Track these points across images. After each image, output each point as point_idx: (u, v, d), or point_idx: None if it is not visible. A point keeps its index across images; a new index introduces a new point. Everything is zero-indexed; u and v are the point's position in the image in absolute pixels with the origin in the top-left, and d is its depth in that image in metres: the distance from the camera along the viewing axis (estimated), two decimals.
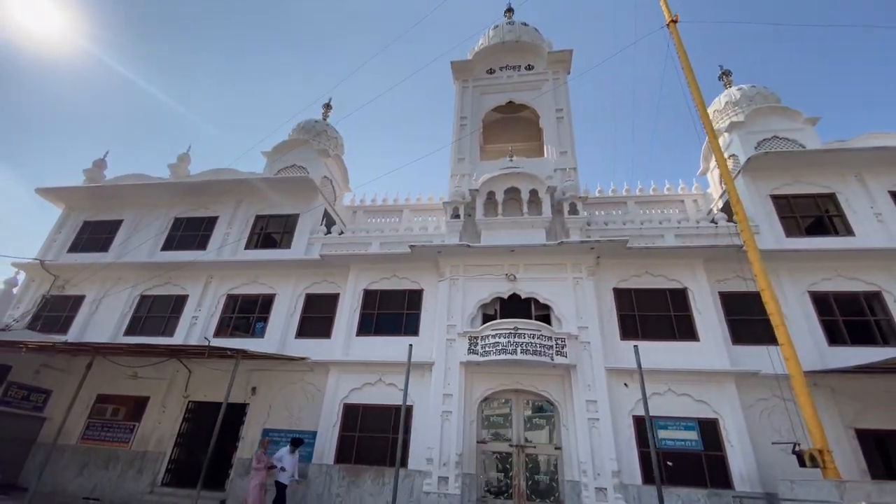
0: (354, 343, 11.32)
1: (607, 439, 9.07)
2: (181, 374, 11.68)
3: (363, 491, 9.52)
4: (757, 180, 12.03)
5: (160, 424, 11.29)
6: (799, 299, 10.40)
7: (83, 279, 13.89)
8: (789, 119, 13.12)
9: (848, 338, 9.97)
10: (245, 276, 13.11)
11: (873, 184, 11.54)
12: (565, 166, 12.93)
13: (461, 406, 9.86)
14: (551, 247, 10.87)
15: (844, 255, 10.56)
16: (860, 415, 9.10)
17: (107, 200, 15.31)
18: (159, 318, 13.01)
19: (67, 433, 11.49)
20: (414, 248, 11.39)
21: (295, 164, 15.46)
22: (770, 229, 11.31)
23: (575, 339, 10.09)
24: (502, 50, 15.53)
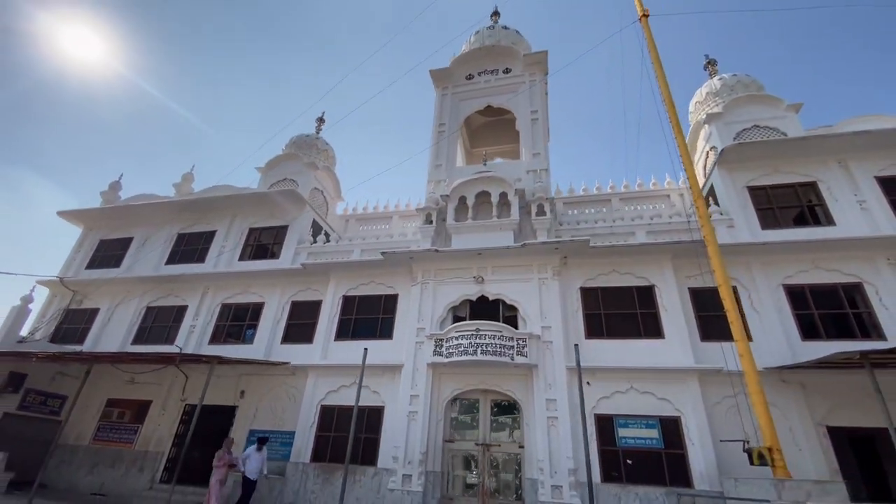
0: (332, 347, 11.87)
1: (565, 437, 9.17)
2: (179, 379, 12.56)
3: (335, 488, 9.98)
4: (733, 172, 11.75)
5: (160, 426, 12.21)
6: (772, 293, 10.11)
7: (98, 293, 15.15)
8: (770, 107, 12.72)
9: (823, 332, 9.62)
10: (238, 286, 13.94)
11: (858, 170, 11.05)
12: (537, 167, 13.02)
13: (427, 406, 10.18)
14: (515, 248, 11.05)
15: (824, 245, 10.18)
16: (832, 412, 8.78)
17: (119, 220, 16.60)
18: (162, 328, 14.02)
19: (81, 435, 12.67)
20: (386, 255, 11.83)
21: (286, 177, 16.27)
22: (745, 222, 11.03)
23: (537, 339, 10.23)
24: (480, 55, 15.75)
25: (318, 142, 17.90)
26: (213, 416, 12.15)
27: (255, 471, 9.15)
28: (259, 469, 9.23)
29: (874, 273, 9.83)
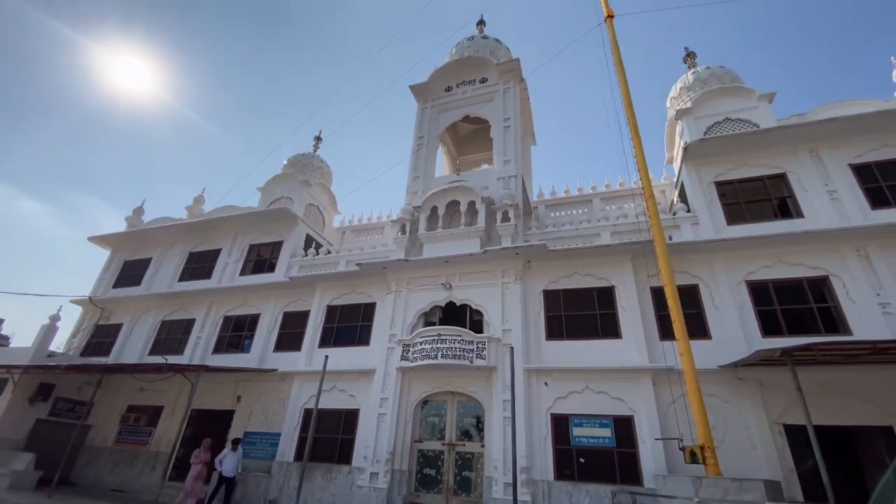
0: (316, 354, 12.69)
1: (520, 437, 9.47)
2: (186, 387, 13.79)
3: (314, 485, 10.77)
4: (700, 168, 11.64)
5: (169, 429, 13.47)
6: (734, 290, 9.99)
7: (122, 310, 16.83)
8: (742, 98, 12.46)
9: (785, 328, 9.42)
10: (238, 300, 15.11)
11: (830, 159, 10.71)
12: (507, 175, 13.36)
13: (395, 408, 10.78)
14: (478, 255, 11.46)
15: (790, 239, 9.95)
16: (789, 409, 8.62)
17: (140, 242, 18.29)
18: (174, 339, 15.40)
19: (105, 437, 14.17)
20: (362, 266, 12.55)
21: (283, 195, 17.41)
22: (710, 218, 10.93)
23: (497, 342, 10.60)
24: (458, 67, 16.24)
25: (314, 160, 18.99)
26: (214, 419, 13.34)
27: (231, 469, 10.09)
28: (235, 467, 10.17)
29: (842, 265, 9.53)
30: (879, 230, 9.40)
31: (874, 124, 10.50)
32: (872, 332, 8.69)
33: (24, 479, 11.29)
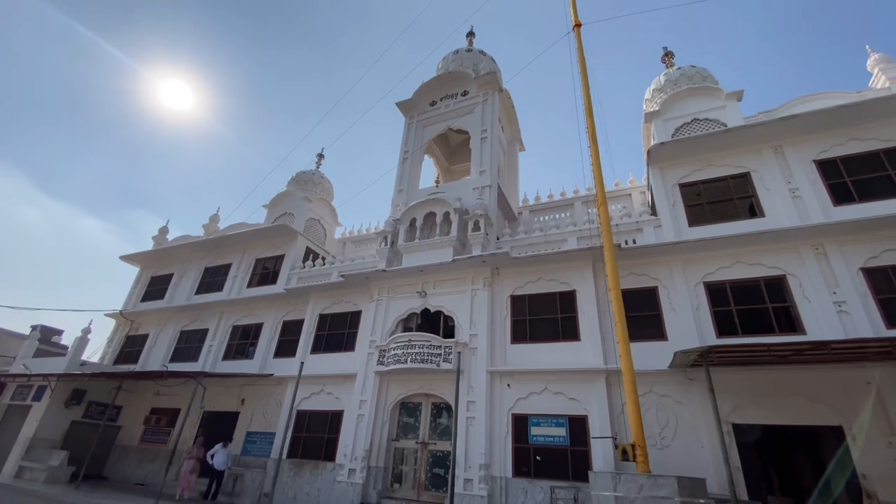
0: (309, 360, 13.70)
1: (480, 435, 10.06)
2: (199, 391, 15.19)
3: (303, 480, 11.76)
4: (665, 170, 11.79)
5: (185, 429, 14.85)
6: (691, 291, 10.14)
7: (148, 321, 18.60)
8: (709, 98, 12.50)
9: (739, 328, 9.50)
10: (245, 310, 16.42)
11: (794, 156, 10.64)
12: (482, 185, 13.93)
13: (373, 409, 11.59)
14: (447, 264, 12.12)
15: (748, 239, 9.99)
16: (738, 409, 8.75)
17: (164, 259, 20.09)
18: (191, 348, 16.92)
19: (132, 437, 15.80)
20: (346, 276, 13.49)
21: (286, 211, 18.71)
22: (672, 221, 11.09)
23: (465, 346, 11.21)
24: (441, 81, 16.95)
25: (315, 176, 20.22)
26: (222, 420, 14.61)
27: (222, 463, 11.25)
28: (225, 462, 11.31)
29: (798, 264, 9.51)
30: (838, 227, 9.32)
31: (840, 118, 10.34)
32: (826, 332, 8.69)
33: (59, 474, 12.93)
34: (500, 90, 15.98)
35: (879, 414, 7.84)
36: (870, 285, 8.88)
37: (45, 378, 14.45)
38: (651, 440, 9.02)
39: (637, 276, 10.83)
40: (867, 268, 9.02)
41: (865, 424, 7.84)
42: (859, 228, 9.19)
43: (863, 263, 9.06)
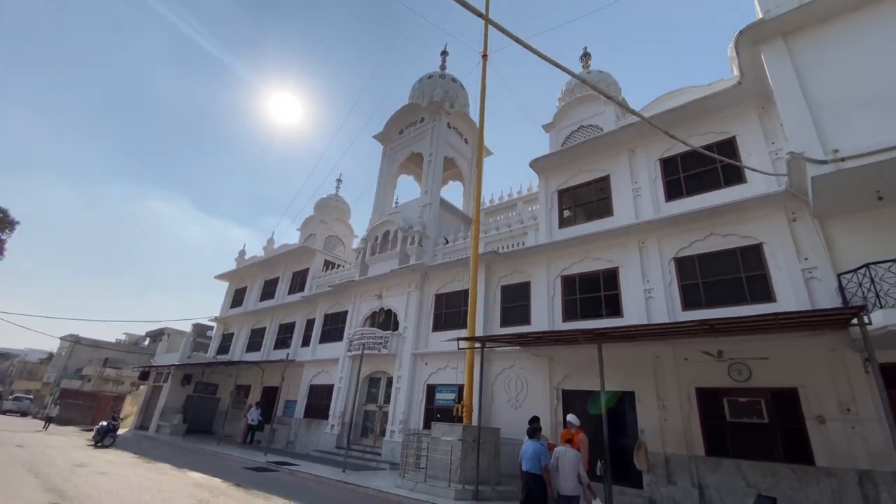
0: (318, 349, 18.67)
1: (403, 401, 13.81)
2: (259, 372, 21.33)
3: (310, 432, 16.78)
4: (548, 178, 13.83)
5: (252, 399, 21.13)
6: (550, 284, 12.42)
7: (234, 323, 25.56)
8: (593, 105, 13.95)
9: (580, 313, 11.66)
10: (284, 313, 22.07)
11: (644, 156, 12.05)
12: (424, 203, 17.16)
13: (348, 383, 16.01)
14: (389, 273, 15.80)
15: (595, 238, 11.89)
16: (566, 378, 11.15)
17: (242, 275, 26.95)
18: (256, 342, 23.21)
19: (225, 404, 22.69)
20: (333, 287, 18.00)
21: (311, 233, 23.94)
22: (548, 225, 13.26)
23: (400, 336, 14.92)
24: (404, 112, 20.19)
25: (332, 200, 25.07)
26: (272, 392, 20.45)
27: (254, 419, 16.73)
28: (256, 419, 16.77)
29: (626, 258, 11.26)
30: (660, 223, 10.83)
31: (683, 116, 11.43)
32: (640, 316, 10.56)
33: (178, 429, 19.95)
34: (448, 113, 18.73)
35: (658, 382, 9.75)
36: (678, 273, 10.44)
37: (169, 368, 21.79)
38: (510, 402, 11.98)
39: (519, 273, 13.34)
40: (678, 257, 10.53)
41: (647, 390, 9.84)
42: (677, 223, 10.63)
43: (675, 254, 10.58)
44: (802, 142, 7.81)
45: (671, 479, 8.91)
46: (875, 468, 7.25)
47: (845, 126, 7.58)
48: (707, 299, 9.81)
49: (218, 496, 8.32)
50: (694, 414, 9.14)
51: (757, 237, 9.51)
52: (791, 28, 8.64)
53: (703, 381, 9.21)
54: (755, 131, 10.29)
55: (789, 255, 8.97)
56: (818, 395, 7.98)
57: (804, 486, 7.70)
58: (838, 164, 7.34)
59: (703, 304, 9.78)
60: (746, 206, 9.64)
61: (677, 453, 9.02)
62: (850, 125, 7.54)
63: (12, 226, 24.91)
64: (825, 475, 7.57)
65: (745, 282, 9.44)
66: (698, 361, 9.27)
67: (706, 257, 10.13)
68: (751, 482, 8.12)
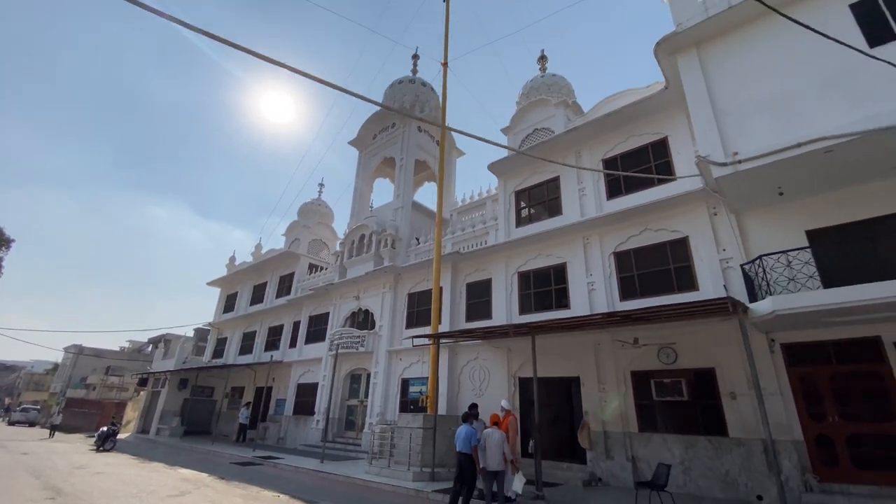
0: (304, 349, 19.62)
1: (380, 394, 14.76)
2: (251, 374, 22.31)
3: (299, 428, 17.78)
4: (507, 180, 14.65)
5: (247, 399, 22.14)
6: (508, 280, 13.30)
7: (226, 328, 26.52)
8: (545, 109, 14.70)
9: (533, 307, 12.55)
10: (273, 316, 22.99)
11: (589, 157, 12.84)
12: (396, 206, 17.99)
13: (330, 379, 16.95)
14: (364, 275, 16.68)
15: (546, 235, 12.74)
16: (522, 366, 12.05)
17: (232, 281, 27.85)
18: (248, 344, 24.17)
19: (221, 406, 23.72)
20: (314, 290, 18.89)
21: (296, 237, 24.78)
22: (506, 224, 14.10)
23: (376, 334, 15.85)
24: (377, 118, 20.94)
25: (314, 204, 25.88)
26: (264, 392, 21.48)
27: (244, 418, 17.70)
28: (247, 417, 17.75)
29: (573, 254, 12.11)
30: (602, 220, 11.66)
31: (622, 119, 12.20)
32: (584, 307, 11.43)
33: (176, 431, 20.99)
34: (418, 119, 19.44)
35: (599, 367, 10.66)
36: (616, 266, 11.30)
37: (166, 373, 22.79)
38: (474, 391, 12.91)
39: (482, 270, 14.21)
40: (617, 252, 11.38)
41: (590, 375, 10.76)
42: (616, 219, 11.46)
43: (614, 249, 11.43)
44: (708, 145, 8.62)
45: (609, 455, 9.85)
46: (777, 437, 8.17)
47: (744, 130, 8.39)
48: (641, 290, 10.69)
49: (200, 487, 9.28)
50: (629, 395, 10.06)
51: (683, 231, 10.36)
52: (702, 38, 9.40)
53: (637, 365, 10.12)
54: (684, 132, 11.06)
55: (710, 247, 9.82)
56: (731, 373, 8.88)
57: (719, 456, 8.63)
58: (736, 166, 8.16)
59: (638, 295, 10.66)
60: (674, 202, 10.46)
61: (614, 431, 9.95)
62: (748, 129, 8.34)
63: (8, 243, 25.75)
64: (736, 445, 8.49)
65: (674, 273, 10.31)
66: (632, 347, 10.16)
67: (641, 251, 10.99)
68: (675, 454, 9.06)
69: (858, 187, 8.35)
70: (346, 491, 9.38)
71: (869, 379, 7.70)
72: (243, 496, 8.53)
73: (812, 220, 8.77)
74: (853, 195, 8.40)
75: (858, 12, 7.85)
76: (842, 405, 7.84)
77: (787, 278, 8.32)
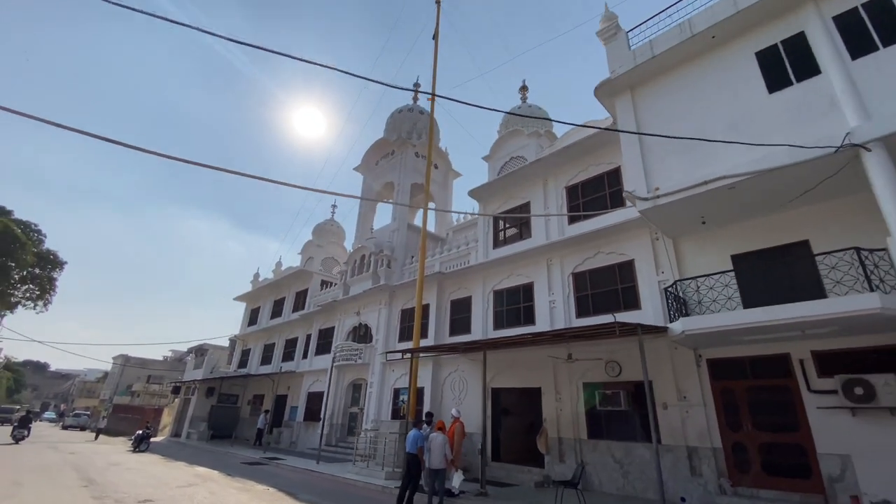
0: (315, 360, 21.38)
1: (374, 403, 16.21)
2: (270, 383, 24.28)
3: (308, 433, 19.46)
4: (485, 205, 15.91)
5: (266, 405, 24.09)
6: (485, 297, 14.51)
7: (250, 340, 28.80)
8: (519, 138, 15.90)
9: (505, 322, 13.70)
10: (289, 330, 24.97)
11: (554, 184, 13.96)
12: (393, 229, 19.55)
13: (335, 389, 18.56)
14: (362, 293, 18.26)
15: (517, 257, 13.90)
16: (495, 377, 13.19)
17: (256, 296, 30.20)
18: (269, 356, 26.26)
19: (245, 413, 25.83)
20: (321, 306, 20.65)
21: (309, 256, 26.80)
22: (485, 246, 15.35)
23: (372, 347, 17.36)
24: (378, 146, 22.67)
25: (327, 224, 27.89)
26: (282, 399, 23.38)
27: (261, 423, 19.52)
28: (264, 424, 19.56)
29: (538, 274, 13.21)
30: (563, 244, 12.75)
31: (584, 149, 13.27)
32: (546, 323, 12.51)
33: (203, 435, 23.16)
34: (414, 146, 21.05)
35: (556, 379, 11.70)
36: (574, 286, 12.34)
37: (194, 382, 25.14)
38: (454, 400, 14.14)
39: (464, 289, 15.49)
40: (575, 272, 12.42)
41: (549, 386, 11.81)
42: (574, 243, 12.51)
43: (573, 270, 12.47)
44: (634, 181, 9.66)
45: (563, 459, 10.87)
46: (699, 444, 9.03)
47: (665, 168, 9.38)
48: (594, 308, 11.69)
49: (206, 481, 10.96)
50: (581, 404, 11.06)
51: (630, 254, 11.32)
52: (634, 83, 10.44)
53: (588, 377, 11.11)
54: None
55: (650, 269, 10.75)
56: (665, 385, 9.77)
57: (652, 461, 9.52)
58: (655, 201, 9.16)
59: (591, 312, 11.66)
60: (622, 227, 11.45)
61: (568, 437, 10.97)
62: (668, 167, 9.33)
63: (62, 266, 29.20)
64: (667, 451, 9.37)
65: (621, 292, 11.28)
66: (584, 361, 11.17)
67: (595, 272, 12.00)
68: (616, 458, 10.01)
69: (774, 216, 9.18)
70: (327, 486, 10.83)
71: (779, 392, 8.48)
72: (238, 488, 10.13)
73: (736, 246, 9.61)
74: (770, 223, 9.23)
75: (762, 60, 8.75)
76: (755, 416, 8.65)
77: (710, 299, 9.23)
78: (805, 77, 8.09)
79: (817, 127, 7.59)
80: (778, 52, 8.61)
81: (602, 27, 11.09)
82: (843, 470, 7.50)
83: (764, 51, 8.75)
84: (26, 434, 20.79)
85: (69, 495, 8.70)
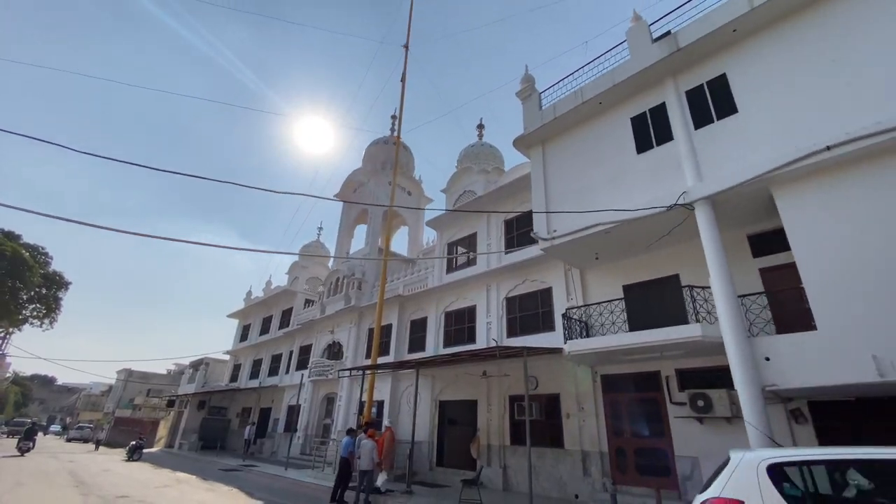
0: (294, 375, 23.06)
1: (342, 414, 17.84)
2: (256, 396, 25.95)
3: (287, 442, 21.04)
4: (441, 233, 17.69)
5: (252, 418, 25.74)
6: (437, 318, 16.20)
7: (242, 355, 30.57)
8: (470, 176, 17.71)
9: (454, 339, 15.35)
10: (275, 346, 26.73)
11: (494, 218, 15.69)
12: (364, 253, 21.34)
13: (310, 402, 20.22)
14: (334, 313, 20.00)
15: (464, 282, 15.62)
16: (442, 391, 14.82)
17: (248, 314, 32.05)
18: (257, 370, 27.98)
19: (234, 425, 27.47)
20: (302, 324, 22.41)
21: (295, 276, 28.66)
22: (439, 271, 17.06)
23: (342, 362, 19.04)
24: (355, 175, 24.59)
25: (312, 246, 29.75)
26: (267, 412, 25.03)
27: (249, 435, 21.17)
28: (251, 435, 21.21)
29: (480, 298, 14.90)
30: (498, 272, 14.44)
31: (520, 186, 15.01)
32: (483, 342, 14.15)
33: (194, 445, 24.82)
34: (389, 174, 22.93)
35: (489, 392, 13.31)
36: (506, 309, 14.01)
37: (187, 395, 26.88)
38: (409, 411, 15.70)
39: (421, 310, 17.19)
40: (508, 297, 14.10)
41: (483, 398, 13.42)
42: (508, 271, 14.21)
43: (506, 294, 14.15)
44: (538, 224, 11.36)
45: (489, 463, 12.44)
46: (591, 449, 10.59)
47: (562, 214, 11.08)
48: (521, 329, 13.34)
49: (181, 483, 12.64)
50: (506, 414, 12.65)
51: (549, 282, 12.99)
52: (545, 139, 12.20)
53: (513, 390, 12.72)
54: None
55: (562, 296, 12.41)
56: (568, 398, 11.37)
57: (557, 463, 11.09)
58: (552, 242, 10.85)
59: (518, 333, 13.31)
60: (543, 259, 13.08)
61: (495, 444, 12.55)
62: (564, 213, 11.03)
63: (67, 286, 31.24)
64: (568, 455, 10.94)
65: (541, 316, 12.93)
66: (510, 376, 12.77)
67: (522, 297, 13.67)
68: (532, 462, 11.54)
69: (653, 253, 10.83)
70: (283, 488, 12.47)
71: (651, 404, 10.05)
72: (206, 489, 11.80)
73: (626, 277, 11.27)
74: (650, 259, 10.88)
75: (634, 125, 10.48)
76: (633, 424, 10.21)
77: (600, 323, 10.88)
78: (663, 141, 9.79)
79: (668, 185, 9.27)
80: (646, 119, 10.33)
81: (521, 87, 12.90)
82: (693, 470, 9.04)
83: (636, 117, 10.48)
84: (31, 446, 22.52)
85: (61, 493, 10.42)
